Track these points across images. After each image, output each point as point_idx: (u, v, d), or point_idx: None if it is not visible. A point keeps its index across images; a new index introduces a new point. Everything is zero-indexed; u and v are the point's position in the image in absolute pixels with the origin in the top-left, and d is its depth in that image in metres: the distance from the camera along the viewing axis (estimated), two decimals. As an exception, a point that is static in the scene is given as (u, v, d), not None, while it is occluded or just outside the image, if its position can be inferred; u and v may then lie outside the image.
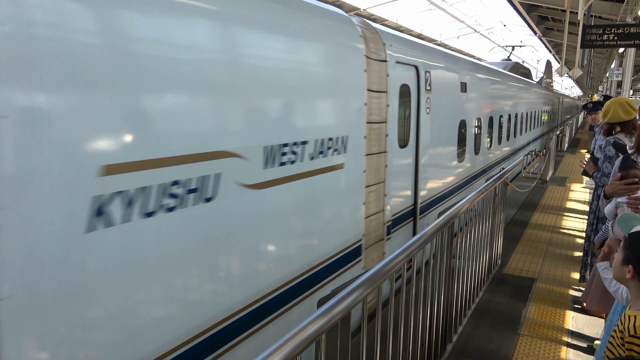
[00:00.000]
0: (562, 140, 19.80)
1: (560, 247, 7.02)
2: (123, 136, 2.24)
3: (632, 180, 3.41)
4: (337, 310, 2.06)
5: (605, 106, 4.81)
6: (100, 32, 2.15)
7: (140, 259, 2.35)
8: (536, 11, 21.41)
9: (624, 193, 3.41)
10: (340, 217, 4.15)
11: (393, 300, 2.76)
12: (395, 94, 5.04)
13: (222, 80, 2.80)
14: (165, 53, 2.44)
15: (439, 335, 3.75)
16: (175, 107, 2.50)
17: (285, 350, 1.72)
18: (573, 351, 4.14)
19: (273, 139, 3.20)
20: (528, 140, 15.78)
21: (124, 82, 2.22)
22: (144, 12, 2.35)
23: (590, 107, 8.40)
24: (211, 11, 2.79)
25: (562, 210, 9.38)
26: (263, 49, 3.19)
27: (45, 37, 1.93)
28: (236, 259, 2.99)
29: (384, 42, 4.85)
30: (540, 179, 12.29)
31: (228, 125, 2.86)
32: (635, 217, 2.51)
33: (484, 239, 4.96)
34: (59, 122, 1.98)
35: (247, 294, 3.07)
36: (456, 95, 7.23)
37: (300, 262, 3.60)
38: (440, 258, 3.63)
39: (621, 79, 16.88)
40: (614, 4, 15.21)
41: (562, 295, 5.28)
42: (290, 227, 3.51)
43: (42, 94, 1.93)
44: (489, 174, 9.78)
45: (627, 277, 2.14)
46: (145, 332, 2.40)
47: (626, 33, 11.73)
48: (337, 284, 4.03)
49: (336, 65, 4.03)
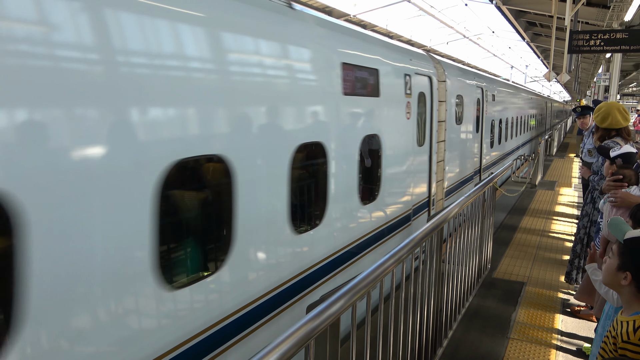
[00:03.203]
0: (550, 144, 19.99)
1: (550, 251, 7.06)
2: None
3: (617, 177, 3.61)
4: (326, 315, 2.05)
5: (601, 112, 4.82)
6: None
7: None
8: (524, 17, 21.64)
9: (610, 190, 3.59)
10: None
11: (383, 306, 2.76)
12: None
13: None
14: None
15: (429, 340, 3.75)
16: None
17: (274, 357, 1.71)
18: (563, 354, 4.16)
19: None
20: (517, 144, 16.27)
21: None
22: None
23: (579, 111, 8.48)
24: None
25: (551, 214, 9.44)
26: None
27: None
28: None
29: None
30: (529, 183, 12.38)
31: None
32: (623, 221, 2.51)
33: (473, 243, 4.98)
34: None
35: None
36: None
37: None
38: (430, 263, 3.64)
39: (608, 83, 17.06)
40: (600, 10, 15.41)
41: (552, 298, 5.31)
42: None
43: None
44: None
45: (623, 283, 2.09)
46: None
47: (612, 39, 11.86)
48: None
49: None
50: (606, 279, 2.24)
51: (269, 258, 3.52)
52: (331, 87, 4.21)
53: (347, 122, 4.56)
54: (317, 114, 4.07)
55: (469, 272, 4.93)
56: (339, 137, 4.34)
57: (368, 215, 5.00)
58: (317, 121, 4.06)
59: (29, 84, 2.03)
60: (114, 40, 2.40)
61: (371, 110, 4.97)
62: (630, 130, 4.88)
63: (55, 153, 2.15)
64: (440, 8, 27.90)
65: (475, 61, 42.31)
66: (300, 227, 3.91)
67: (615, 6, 13.23)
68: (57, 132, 2.15)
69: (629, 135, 4.83)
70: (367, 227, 4.96)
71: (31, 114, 2.08)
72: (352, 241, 4.66)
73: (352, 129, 4.66)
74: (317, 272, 4.06)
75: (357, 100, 4.66)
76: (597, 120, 4.89)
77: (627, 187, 3.57)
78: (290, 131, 3.72)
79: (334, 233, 4.33)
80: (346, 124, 4.55)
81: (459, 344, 4.29)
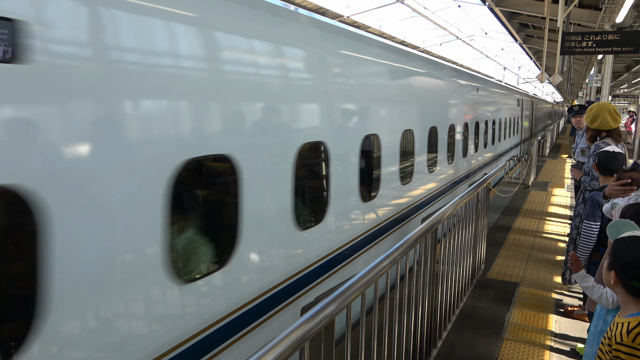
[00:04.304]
0: (543, 145, 20.08)
1: (543, 251, 7.09)
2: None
3: (626, 181, 3.62)
4: (320, 317, 2.04)
5: (592, 113, 4.86)
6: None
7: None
8: (517, 19, 21.74)
9: (619, 194, 3.59)
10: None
11: (377, 307, 2.75)
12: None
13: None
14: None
15: (423, 340, 3.75)
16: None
17: (268, 359, 1.70)
18: (556, 355, 4.17)
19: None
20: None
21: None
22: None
23: (577, 109, 8.53)
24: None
25: (544, 215, 9.48)
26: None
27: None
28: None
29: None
30: (522, 184, 12.43)
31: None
32: (626, 223, 2.48)
33: (467, 244, 4.99)
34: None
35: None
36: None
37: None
38: (424, 263, 3.64)
39: (600, 85, 17.17)
40: (592, 12, 15.50)
41: (545, 299, 5.33)
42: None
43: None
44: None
45: (612, 283, 2.16)
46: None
47: (604, 40, 11.92)
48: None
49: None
50: (604, 279, 2.30)
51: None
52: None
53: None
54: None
55: (463, 273, 4.94)
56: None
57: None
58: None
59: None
60: (107, 38, 2.39)
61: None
62: (621, 131, 4.91)
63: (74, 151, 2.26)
64: (434, 9, 27.94)
65: (468, 62, 42.39)
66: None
67: (606, 8, 13.33)
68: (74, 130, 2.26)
69: (619, 136, 4.87)
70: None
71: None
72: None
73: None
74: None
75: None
76: (588, 120, 4.95)
77: (637, 189, 3.59)
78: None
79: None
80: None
81: (453, 344, 4.29)
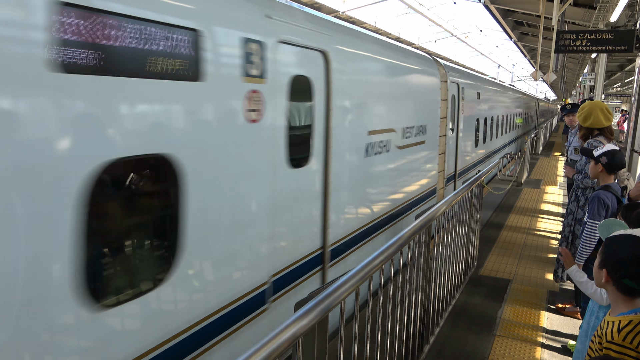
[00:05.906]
0: (536, 143, 20.15)
1: (535, 249, 7.13)
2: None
3: None
4: (315, 312, 2.04)
5: (584, 112, 4.87)
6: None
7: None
8: (512, 16, 21.76)
9: None
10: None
11: (370, 303, 2.75)
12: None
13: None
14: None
15: (416, 336, 3.76)
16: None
17: (261, 356, 1.69)
18: (548, 351, 4.20)
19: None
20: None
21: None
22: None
23: (569, 108, 8.56)
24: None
25: (537, 213, 9.53)
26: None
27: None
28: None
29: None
30: (515, 181, 12.48)
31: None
32: (617, 222, 2.54)
33: (460, 240, 5.00)
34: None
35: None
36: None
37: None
38: (418, 260, 3.65)
39: (593, 83, 17.25)
40: (587, 10, 15.54)
41: (537, 296, 5.36)
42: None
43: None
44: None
45: (603, 281, 2.16)
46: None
47: (598, 39, 11.97)
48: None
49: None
50: (594, 278, 2.31)
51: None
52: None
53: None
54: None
55: (456, 270, 4.95)
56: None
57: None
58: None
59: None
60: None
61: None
62: (613, 129, 4.94)
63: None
64: (429, 6, 27.93)
65: (463, 59, 42.47)
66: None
67: (601, 7, 13.37)
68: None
69: (611, 134, 4.90)
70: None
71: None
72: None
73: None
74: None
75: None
76: (580, 119, 4.97)
77: None
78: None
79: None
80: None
81: (446, 340, 4.31)
